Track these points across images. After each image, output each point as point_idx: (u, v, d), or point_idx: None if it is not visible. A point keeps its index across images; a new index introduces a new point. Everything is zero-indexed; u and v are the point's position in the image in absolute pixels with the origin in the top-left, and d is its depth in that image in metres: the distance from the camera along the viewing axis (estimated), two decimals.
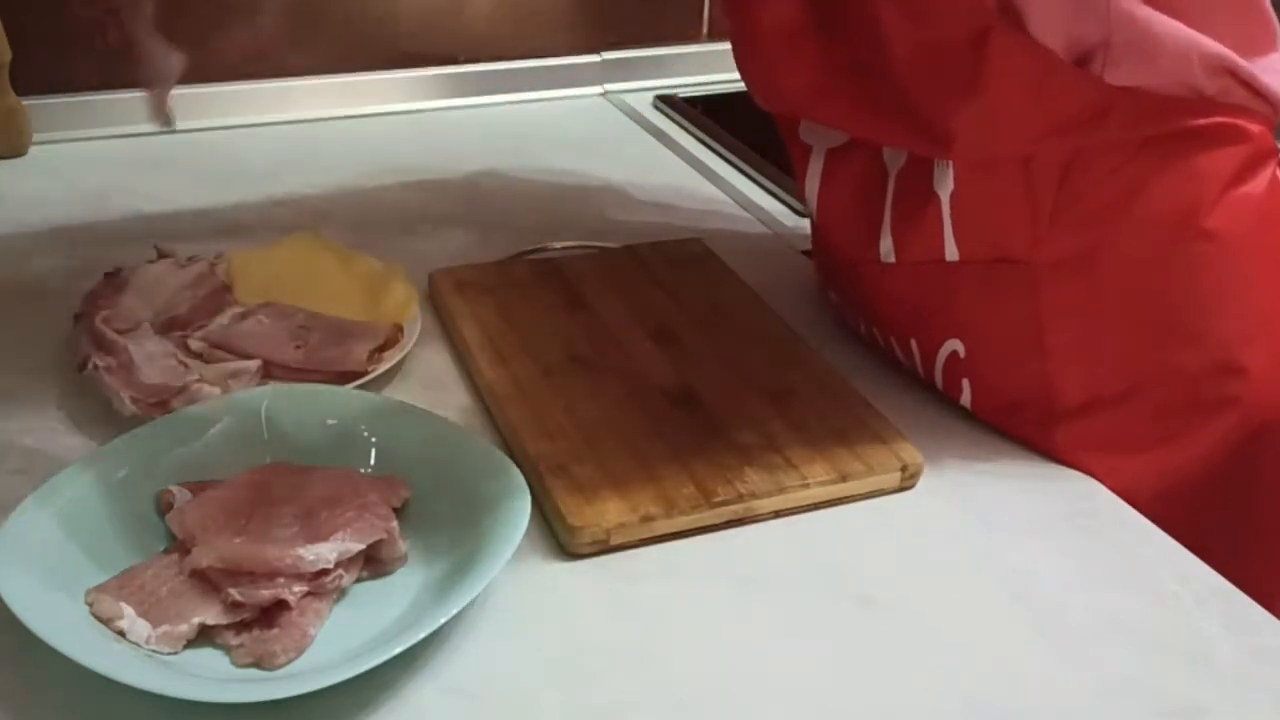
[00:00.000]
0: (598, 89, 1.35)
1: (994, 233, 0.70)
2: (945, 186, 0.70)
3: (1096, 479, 0.71)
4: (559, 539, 0.64)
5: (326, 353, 0.76)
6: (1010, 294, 0.70)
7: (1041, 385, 0.71)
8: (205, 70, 1.20)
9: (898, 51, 0.67)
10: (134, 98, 1.16)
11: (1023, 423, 0.74)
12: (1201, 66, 0.64)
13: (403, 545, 0.61)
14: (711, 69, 1.37)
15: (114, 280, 0.81)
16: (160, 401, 0.70)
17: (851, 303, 0.83)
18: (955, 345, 0.74)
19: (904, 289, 0.76)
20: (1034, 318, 0.70)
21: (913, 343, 0.77)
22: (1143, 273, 0.68)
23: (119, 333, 0.75)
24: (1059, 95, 0.64)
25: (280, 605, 0.57)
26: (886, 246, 0.74)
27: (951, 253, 0.71)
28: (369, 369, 0.75)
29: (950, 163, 0.69)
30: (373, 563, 0.61)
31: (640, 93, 1.35)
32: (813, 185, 0.79)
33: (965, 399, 0.75)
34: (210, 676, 0.54)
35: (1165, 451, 0.72)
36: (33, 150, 1.11)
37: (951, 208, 0.70)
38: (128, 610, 0.56)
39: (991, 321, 0.72)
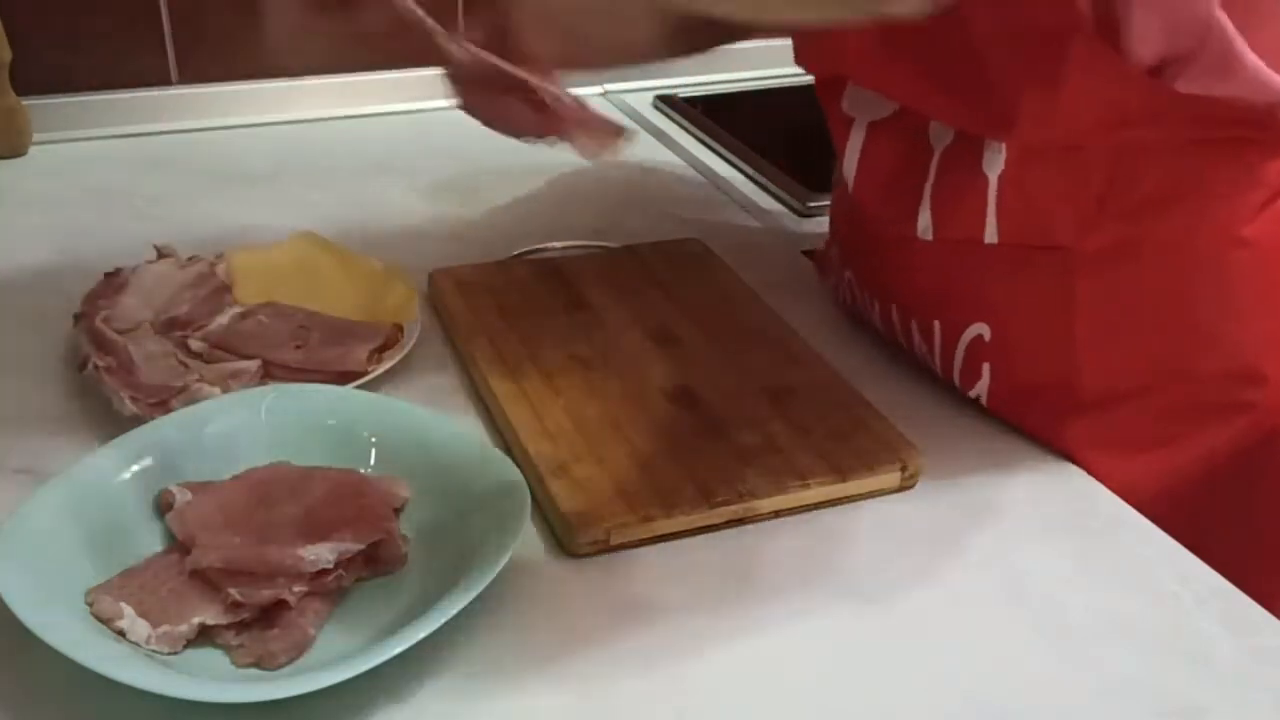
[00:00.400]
0: (598, 89, 1.35)
1: (1039, 217, 0.69)
2: (995, 168, 0.69)
3: (1104, 474, 0.71)
4: (559, 539, 0.64)
5: (326, 353, 0.76)
6: (1045, 279, 0.70)
7: (1064, 374, 0.71)
8: (210, 70, 1.20)
9: (977, 28, 0.66)
10: (134, 97, 1.18)
11: (1037, 412, 0.73)
12: (1270, 94, 0.63)
13: (403, 545, 0.61)
14: (711, 69, 1.37)
15: (114, 280, 0.81)
16: (160, 401, 0.70)
17: (873, 283, 0.82)
18: (981, 329, 0.74)
19: (935, 268, 0.75)
20: (1067, 305, 0.70)
21: (936, 325, 0.76)
22: (1177, 271, 0.68)
23: (119, 333, 0.75)
24: (1127, 92, 0.64)
25: (280, 605, 0.57)
26: (925, 223, 0.73)
27: (991, 234, 0.71)
28: (369, 369, 0.75)
29: (1003, 145, 0.69)
30: (373, 563, 0.61)
31: (640, 93, 1.35)
32: (852, 157, 0.78)
33: (981, 387, 0.75)
34: (210, 676, 0.54)
35: (1175, 451, 0.72)
36: (33, 150, 1.12)
37: (999, 190, 0.70)
38: (128, 610, 0.56)
39: (1022, 306, 0.72)
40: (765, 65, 1.39)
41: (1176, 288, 0.69)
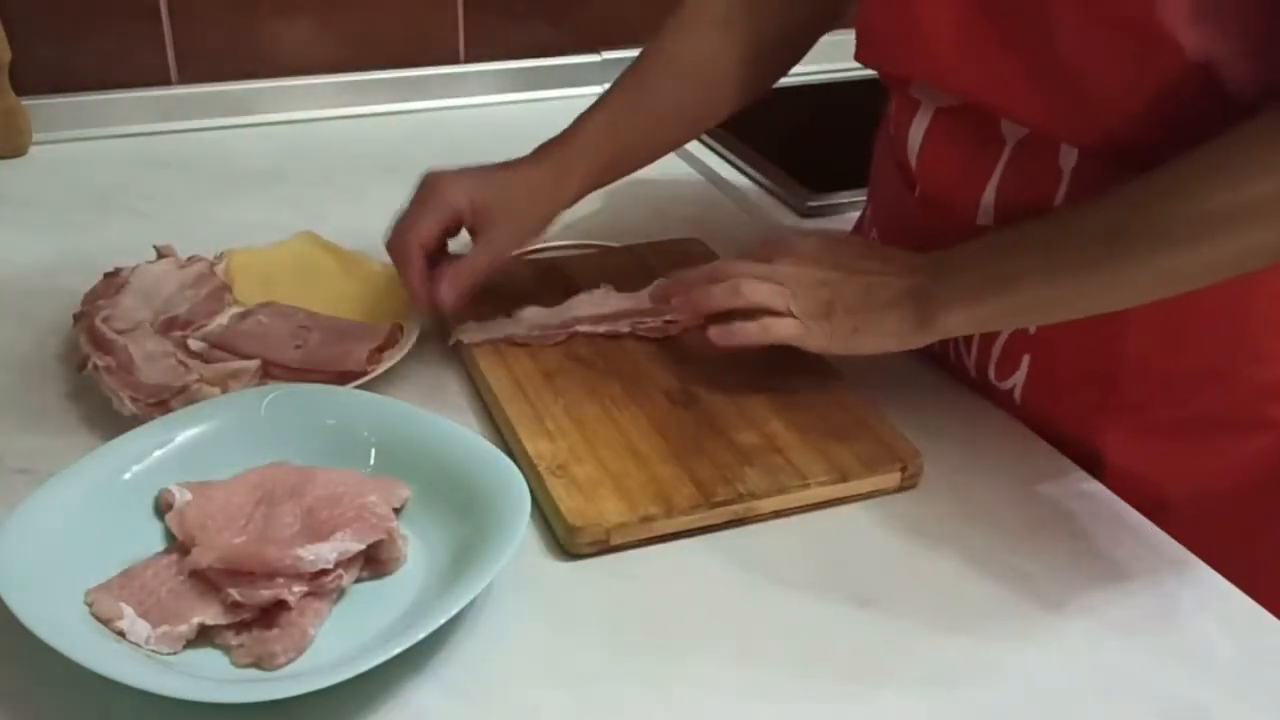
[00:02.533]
0: (598, 89, 1.35)
1: None
2: (1069, 163, 0.69)
3: (1125, 475, 0.71)
4: (559, 539, 0.64)
5: (326, 353, 0.76)
6: None
7: (1108, 372, 0.71)
8: (210, 70, 1.20)
9: (1062, 34, 0.65)
10: (134, 98, 1.18)
11: (1071, 409, 0.73)
12: None
13: (403, 545, 0.61)
14: None
15: (114, 280, 0.81)
16: (160, 401, 0.70)
17: None
18: None
19: None
20: None
21: None
22: (1238, 278, 0.68)
23: (119, 333, 0.75)
24: (1212, 114, 0.63)
25: (280, 605, 0.57)
26: (986, 208, 0.73)
27: None
28: (369, 369, 0.75)
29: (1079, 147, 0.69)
30: (373, 563, 0.61)
31: None
32: (916, 136, 0.78)
33: (1017, 378, 0.75)
34: (210, 676, 0.54)
35: (1200, 460, 0.72)
36: (33, 150, 1.12)
37: (1069, 184, 0.70)
38: (128, 610, 0.56)
39: None
40: None
41: (1237, 295, 0.68)
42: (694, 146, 1.21)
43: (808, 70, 1.00)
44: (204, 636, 0.56)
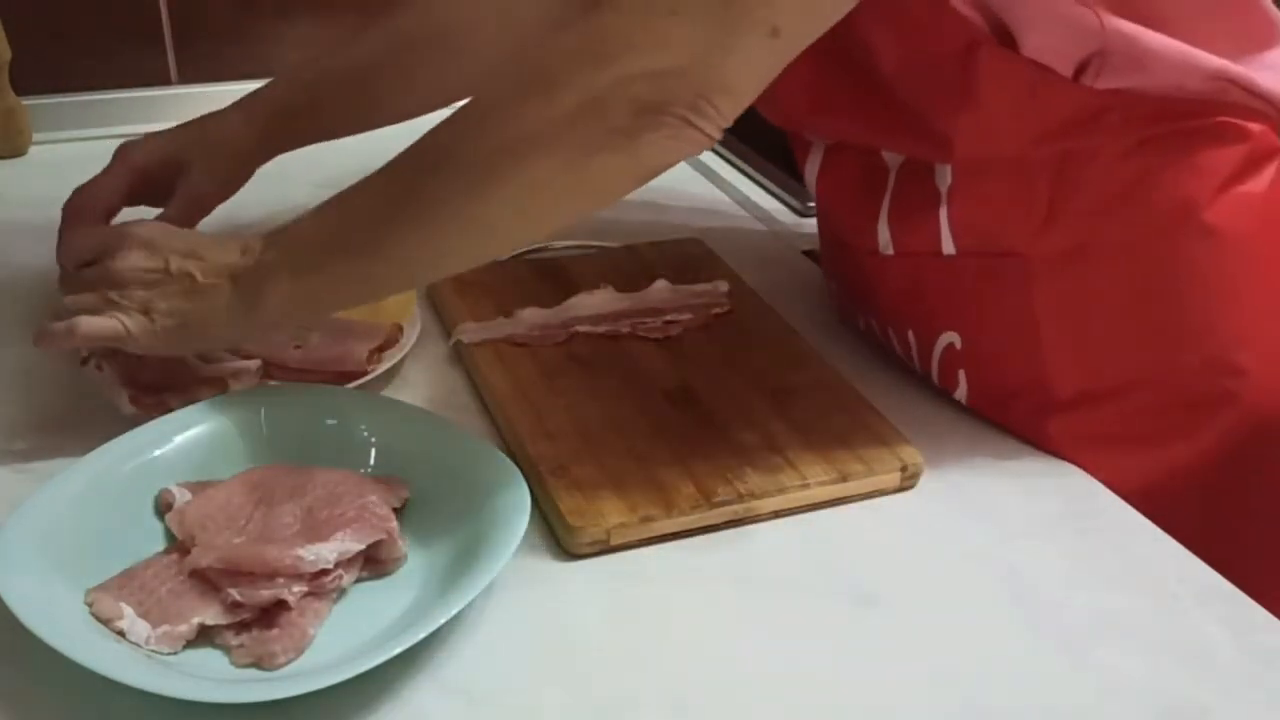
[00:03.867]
0: None
1: (991, 228, 0.70)
2: (945, 182, 0.70)
3: (1092, 472, 0.72)
4: (559, 539, 0.64)
5: (326, 353, 0.76)
6: (1006, 287, 0.71)
7: (1036, 377, 0.71)
8: (210, 70, 1.20)
9: (886, 67, 0.68)
10: (134, 97, 1.18)
11: (1017, 415, 0.74)
12: (1198, 76, 0.64)
13: (403, 545, 0.61)
14: None
15: None
16: (160, 401, 0.70)
17: (851, 294, 0.83)
18: (952, 337, 0.74)
19: (902, 280, 0.76)
20: (1029, 310, 0.70)
21: (910, 334, 0.77)
22: (1140, 268, 0.68)
23: None
24: (1053, 100, 0.65)
25: (280, 605, 0.57)
26: (884, 239, 0.75)
27: (949, 246, 0.72)
28: (369, 369, 0.75)
29: (950, 164, 0.70)
30: (373, 563, 0.61)
31: None
32: (811, 175, 0.80)
33: (961, 392, 0.75)
34: (210, 676, 0.54)
35: (1160, 448, 0.72)
36: (33, 150, 1.12)
37: (949, 203, 0.71)
38: (128, 610, 0.56)
39: (988, 314, 0.72)
40: None
41: (1144, 284, 0.69)
42: None
43: None
44: (204, 636, 0.56)
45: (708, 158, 1.18)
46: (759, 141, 1.17)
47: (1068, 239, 0.68)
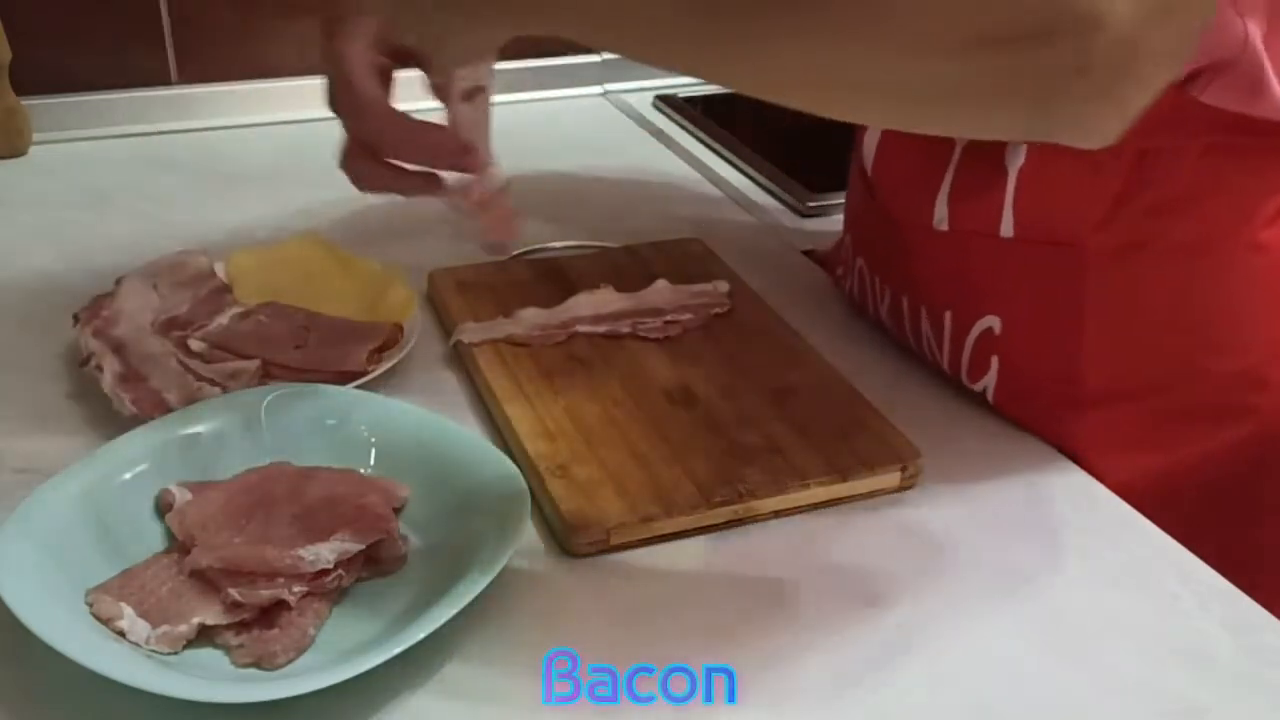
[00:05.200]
0: (598, 89, 1.35)
1: (1055, 214, 0.69)
2: (1016, 163, 0.70)
3: (1104, 473, 0.71)
4: (559, 539, 0.64)
5: (326, 353, 0.76)
6: (1057, 275, 0.70)
7: (1069, 370, 0.71)
8: (210, 70, 1.20)
9: None
10: (134, 97, 1.18)
11: (1041, 408, 0.73)
12: None
13: (403, 545, 0.61)
14: None
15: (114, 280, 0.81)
16: (160, 401, 0.70)
17: (886, 271, 0.81)
18: (992, 321, 0.74)
19: (950, 260, 0.75)
20: (1077, 301, 0.70)
21: (947, 316, 0.76)
22: (1189, 273, 0.68)
23: (119, 333, 0.75)
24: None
25: (280, 605, 0.57)
26: (941, 214, 0.74)
27: (1007, 228, 0.71)
28: (369, 369, 0.75)
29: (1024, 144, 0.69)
30: (373, 563, 0.61)
31: (640, 92, 1.35)
32: (870, 144, 0.79)
33: (988, 380, 0.75)
34: (210, 676, 0.54)
35: (1176, 453, 0.72)
36: (33, 150, 1.12)
37: (1018, 185, 0.70)
38: (128, 610, 0.56)
39: (1034, 300, 0.72)
40: None
41: (1188, 289, 0.69)
42: (694, 146, 1.21)
43: None
44: (204, 636, 0.56)
45: (708, 157, 1.18)
46: (759, 141, 1.17)
47: (1127, 235, 0.68)
